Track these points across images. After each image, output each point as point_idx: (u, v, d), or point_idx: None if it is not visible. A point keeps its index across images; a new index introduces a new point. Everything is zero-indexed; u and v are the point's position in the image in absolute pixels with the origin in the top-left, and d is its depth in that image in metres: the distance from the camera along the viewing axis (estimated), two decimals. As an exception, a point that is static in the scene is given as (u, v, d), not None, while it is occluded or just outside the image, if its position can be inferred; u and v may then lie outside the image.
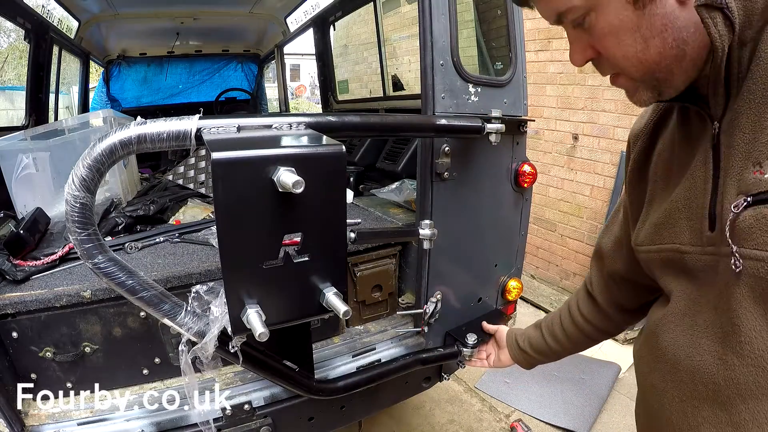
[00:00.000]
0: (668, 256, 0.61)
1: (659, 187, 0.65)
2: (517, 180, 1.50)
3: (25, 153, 1.63)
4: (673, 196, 0.60)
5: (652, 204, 0.66)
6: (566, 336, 0.98)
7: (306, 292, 0.82)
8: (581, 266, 3.40)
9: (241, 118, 0.83)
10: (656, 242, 0.62)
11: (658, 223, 0.62)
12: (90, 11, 2.92)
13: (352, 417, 1.47)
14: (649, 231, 0.64)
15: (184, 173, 2.23)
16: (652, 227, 0.63)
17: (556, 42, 3.34)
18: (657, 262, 0.64)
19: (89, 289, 1.12)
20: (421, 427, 2.23)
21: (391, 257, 1.56)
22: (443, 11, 1.22)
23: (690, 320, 0.58)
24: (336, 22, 3.35)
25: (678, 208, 0.59)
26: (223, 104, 4.23)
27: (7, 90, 4.56)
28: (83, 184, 0.70)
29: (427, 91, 1.25)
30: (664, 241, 0.61)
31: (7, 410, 1.05)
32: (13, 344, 1.12)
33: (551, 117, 3.47)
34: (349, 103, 3.73)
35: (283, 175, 0.68)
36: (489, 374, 2.58)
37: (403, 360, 1.38)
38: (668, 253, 0.61)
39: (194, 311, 0.85)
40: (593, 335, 0.96)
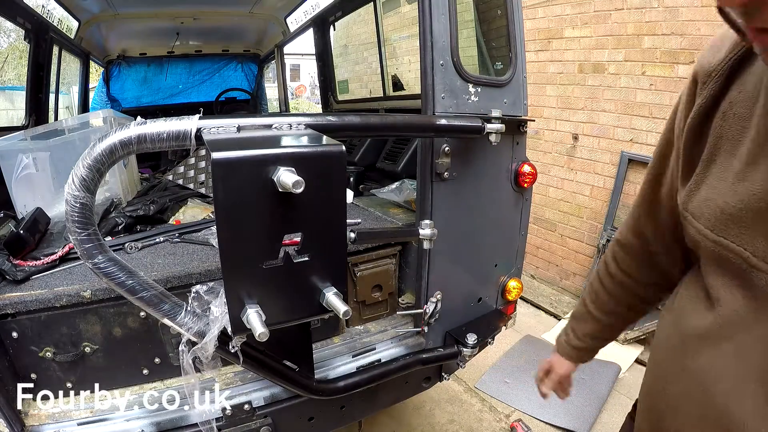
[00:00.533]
0: (729, 257, 0.49)
1: (725, 149, 0.51)
2: (517, 180, 1.50)
3: (25, 153, 1.63)
4: (755, 184, 0.46)
5: (710, 167, 0.53)
6: (617, 301, 0.83)
7: (306, 292, 0.82)
8: (581, 266, 3.40)
9: (241, 118, 0.83)
10: (719, 232, 0.49)
11: (726, 210, 0.49)
12: (90, 11, 2.92)
13: (352, 417, 1.47)
14: (712, 212, 0.51)
15: (184, 173, 2.23)
16: (716, 210, 0.50)
17: (556, 42, 3.35)
18: (711, 254, 0.52)
19: (89, 289, 1.12)
20: (421, 427, 2.23)
21: (391, 257, 1.56)
22: (443, 11, 1.22)
23: (736, 350, 0.48)
24: (336, 22, 3.35)
25: (759, 207, 0.46)
26: (223, 104, 4.23)
27: (7, 90, 4.55)
28: (83, 184, 0.70)
29: (427, 91, 1.25)
30: (731, 238, 0.48)
31: (7, 410, 1.04)
32: (13, 344, 1.12)
33: (551, 117, 3.47)
34: (349, 103, 3.73)
35: (283, 175, 0.68)
36: (489, 374, 2.58)
37: (403, 360, 1.38)
38: (730, 255, 0.48)
39: (194, 311, 0.85)
40: (643, 292, 0.81)
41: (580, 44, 3.18)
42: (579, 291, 3.35)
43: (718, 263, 0.51)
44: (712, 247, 0.51)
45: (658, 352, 0.66)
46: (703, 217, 0.52)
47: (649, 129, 2.86)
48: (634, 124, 2.94)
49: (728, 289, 0.50)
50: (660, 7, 2.70)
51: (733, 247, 0.48)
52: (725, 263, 0.50)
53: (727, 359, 0.49)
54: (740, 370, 0.48)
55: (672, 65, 2.70)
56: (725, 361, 0.49)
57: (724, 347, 0.49)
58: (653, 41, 2.76)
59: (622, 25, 2.91)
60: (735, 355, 0.48)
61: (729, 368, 0.49)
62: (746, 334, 0.47)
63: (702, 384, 0.52)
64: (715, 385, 0.50)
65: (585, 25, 3.13)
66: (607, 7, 2.98)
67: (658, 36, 2.73)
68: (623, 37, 2.91)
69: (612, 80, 3.02)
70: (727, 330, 0.49)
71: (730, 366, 0.49)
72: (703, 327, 0.53)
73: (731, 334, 0.49)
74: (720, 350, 0.50)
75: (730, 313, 0.49)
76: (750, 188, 0.46)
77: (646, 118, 2.86)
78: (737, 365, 0.48)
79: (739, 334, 0.48)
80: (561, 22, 3.28)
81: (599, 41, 3.06)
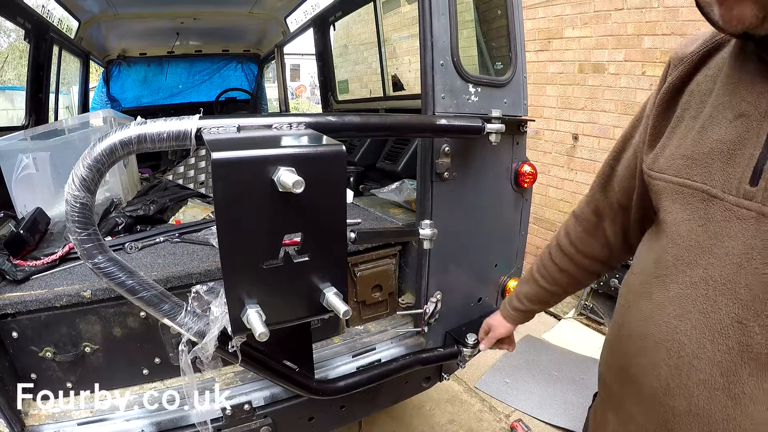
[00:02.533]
0: (690, 193, 0.58)
1: (688, 116, 0.62)
2: (517, 180, 1.50)
3: (25, 153, 1.63)
4: (713, 134, 0.57)
5: (674, 132, 0.63)
6: (564, 274, 0.94)
7: (306, 292, 0.82)
8: (581, 266, 3.40)
9: (241, 118, 0.83)
10: (682, 175, 0.59)
11: (690, 156, 0.58)
12: (90, 11, 2.92)
13: (352, 417, 1.48)
14: (677, 162, 0.60)
15: (184, 173, 2.23)
16: (681, 159, 0.60)
17: (556, 42, 3.35)
18: (672, 195, 0.61)
19: (89, 289, 1.12)
20: (421, 427, 2.23)
21: (391, 257, 1.56)
22: (443, 11, 1.22)
23: (702, 273, 0.55)
24: (336, 22, 3.35)
25: (718, 150, 0.56)
26: (223, 104, 4.23)
27: (7, 90, 4.56)
28: (83, 184, 0.70)
29: (427, 91, 1.25)
30: (693, 178, 0.57)
31: (7, 410, 1.04)
32: (13, 344, 1.12)
33: (551, 117, 3.47)
34: (349, 103, 3.73)
35: (283, 175, 0.68)
36: (489, 374, 2.58)
37: (403, 360, 1.38)
38: (692, 191, 0.57)
39: (194, 311, 0.85)
40: (591, 267, 0.92)
41: (580, 44, 3.18)
42: (579, 291, 3.35)
43: (680, 201, 0.59)
44: (674, 188, 0.60)
45: (621, 304, 0.73)
46: (669, 169, 0.61)
47: (649, 129, 2.86)
48: (634, 124, 2.93)
49: (687, 222, 0.58)
50: (660, 7, 2.70)
51: (695, 184, 0.57)
52: (686, 200, 0.58)
53: (695, 279, 0.56)
54: (688, 300, 0.56)
55: (672, 65, 2.69)
56: (693, 282, 0.56)
57: (697, 273, 0.56)
58: (653, 41, 2.76)
59: (622, 25, 2.91)
60: (704, 278, 0.55)
61: (697, 287, 0.56)
62: (707, 254, 0.55)
63: (658, 318, 0.60)
64: (669, 317, 0.58)
65: (585, 25, 3.13)
66: (607, 7, 2.98)
67: (658, 36, 2.73)
68: (623, 37, 2.91)
69: (612, 80, 3.02)
70: (690, 255, 0.57)
71: (699, 285, 0.55)
72: (661, 267, 0.61)
73: (694, 258, 0.56)
74: (674, 285, 0.58)
75: (689, 241, 0.57)
76: (710, 136, 0.57)
77: (646, 118, 2.86)
78: (685, 296, 0.56)
79: (702, 256, 0.55)
80: (561, 22, 3.28)
81: (599, 41, 3.06)
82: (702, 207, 0.56)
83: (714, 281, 0.54)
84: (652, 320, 0.61)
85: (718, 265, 0.54)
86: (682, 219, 0.58)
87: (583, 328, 3.10)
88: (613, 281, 2.95)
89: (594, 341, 2.94)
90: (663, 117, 0.66)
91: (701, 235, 0.56)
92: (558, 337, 2.99)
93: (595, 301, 3.14)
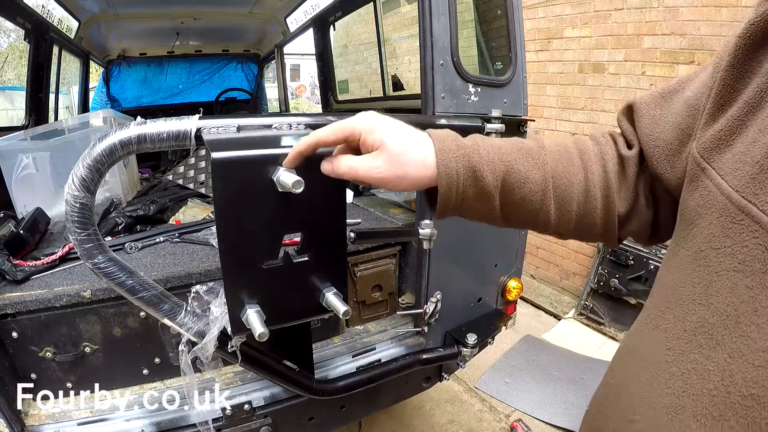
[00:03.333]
0: (751, 230, 0.35)
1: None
2: (517, 180, 1.50)
3: (25, 153, 1.63)
4: None
5: (756, 113, 0.38)
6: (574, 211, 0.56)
7: (306, 292, 0.82)
8: (581, 266, 3.40)
9: (241, 118, 0.83)
10: (747, 194, 0.36)
11: (762, 170, 0.35)
12: (90, 11, 2.92)
13: (352, 417, 1.48)
14: (746, 168, 0.37)
15: (184, 173, 2.23)
16: (753, 165, 0.36)
17: (556, 42, 3.35)
18: (722, 219, 0.38)
19: (89, 289, 1.12)
20: (421, 427, 2.23)
21: (391, 257, 1.56)
22: (443, 11, 1.22)
23: (726, 359, 0.36)
24: (336, 22, 3.36)
25: None
26: (223, 104, 4.23)
27: (7, 90, 4.56)
28: (83, 184, 0.70)
29: (427, 91, 1.25)
30: (761, 205, 0.35)
31: (7, 410, 1.05)
32: (13, 344, 1.12)
33: (551, 117, 3.47)
34: (349, 103, 3.73)
35: (283, 175, 0.68)
36: (489, 374, 2.58)
37: (403, 360, 1.38)
38: (755, 227, 0.35)
39: (194, 311, 0.85)
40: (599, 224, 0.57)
41: (580, 44, 3.18)
42: (579, 291, 3.35)
43: (731, 239, 0.37)
44: (731, 215, 0.37)
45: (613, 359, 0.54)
46: (731, 175, 0.38)
47: (649, 129, 2.86)
48: (634, 124, 2.94)
49: (729, 279, 0.37)
50: (660, 7, 2.70)
51: (757, 214, 0.35)
52: (743, 240, 0.36)
53: (679, 380, 0.40)
54: (684, 398, 0.39)
55: (672, 65, 2.70)
56: (674, 379, 0.40)
57: (684, 361, 0.39)
58: (653, 41, 2.76)
59: (622, 25, 2.91)
60: (691, 374, 0.39)
61: (674, 395, 0.40)
62: (720, 347, 0.37)
63: (641, 411, 0.43)
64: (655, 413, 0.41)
65: (585, 25, 3.13)
66: (607, 7, 2.98)
67: (658, 36, 2.74)
68: (623, 37, 2.91)
69: (612, 80, 3.02)
70: (702, 337, 0.39)
71: (677, 392, 0.39)
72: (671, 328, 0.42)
73: (703, 342, 0.39)
74: (675, 366, 0.40)
75: (715, 311, 0.38)
76: None
77: (646, 118, 2.86)
78: (682, 391, 0.39)
79: (711, 347, 0.38)
80: (561, 22, 3.28)
81: (599, 41, 3.06)
82: (761, 257, 0.34)
83: (734, 382, 0.35)
84: (632, 409, 0.44)
85: (751, 360, 0.34)
86: (728, 267, 0.37)
87: (583, 328, 3.10)
88: (613, 281, 2.96)
89: (594, 341, 2.95)
90: (739, 73, 0.40)
91: (746, 302, 0.35)
92: (558, 337, 2.99)
93: (595, 301, 3.15)
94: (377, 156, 0.53)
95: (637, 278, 2.87)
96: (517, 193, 0.55)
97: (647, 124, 0.54)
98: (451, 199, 0.54)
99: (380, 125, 0.54)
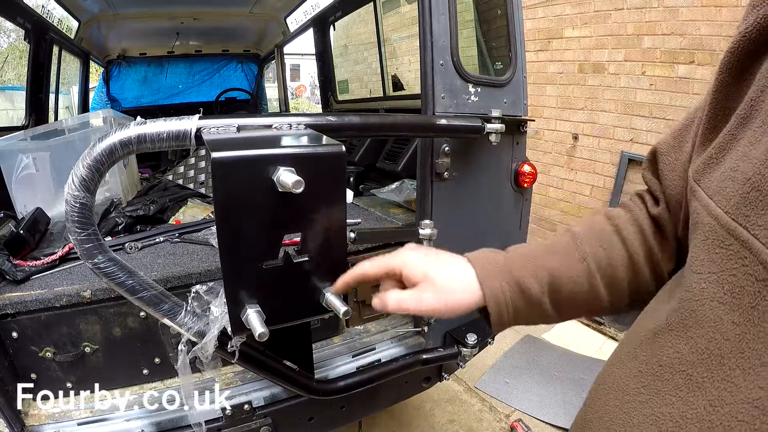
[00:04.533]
0: (740, 255, 0.32)
1: (761, 119, 0.34)
2: (517, 180, 1.50)
3: (25, 153, 1.63)
4: None
5: (745, 127, 0.36)
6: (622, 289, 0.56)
7: (306, 292, 0.82)
8: (581, 266, 3.40)
9: (241, 118, 0.83)
10: (736, 216, 0.33)
11: (758, 185, 0.32)
12: (90, 11, 2.92)
13: (352, 417, 1.47)
14: (735, 186, 0.34)
15: (184, 173, 2.23)
16: (743, 183, 0.33)
17: (556, 42, 3.35)
18: (710, 242, 0.35)
19: (89, 289, 1.12)
20: (421, 427, 2.23)
21: (391, 257, 1.56)
22: (443, 11, 1.22)
23: (708, 396, 0.33)
24: (336, 22, 3.36)
25: None
26: (223, 104, 4.23)
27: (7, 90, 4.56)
28: (83, 184, 0.70)
29: (427, 91, 1.25)
30: (754, 228, 0.31)
31: (7, 410, 1.05)
32: (13, 344, 1.12)
33: (551, 117, 3.47)
34: (349, 103, 3.73)
35: (283, 175, 0.68)
36: (489, 374, 2.57)
37: (403, 360, 1.38)
38: (744, 252, 0.32)
39: (194, 311, 0.85)
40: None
41: (580, 44, 3.18)
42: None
43: (719, 264, 0.34)
44: (719, 238, 0.34)
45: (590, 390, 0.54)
46: (719, 194, 0.35)
47: (649, 129, 2.86)
48: (634, 124, 2.94)
49: (714, 309, 0.34)
50: (660, 7, 2.70)
51: (754, 245, 0.31)
52: (730, 266, 0.33)
53: (655, 414, 0.37)
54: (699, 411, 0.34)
55: (672, 65, 2.70)
56: (652, 414, 0.37)
57: (663, 392, 0.37)
58: (653, 41, 2.76)
59: (622, 25, 2.91)
60: (671, 406, 0.36)
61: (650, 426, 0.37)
62: (700, 385, 0.34)
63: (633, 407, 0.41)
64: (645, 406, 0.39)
65: (585, 25, 3.13)
66: (607, 7, 2.98)
67: (658, 36, 2.74)
68: (623, 37, 2.91)
69: (612, 80, 3.02)
70: (682, 365, 0.36)
71: (687, 424, 0.35)
72: (651, 360, 0.40)
73: (682, 372, 0.35)
74: (655, 398, 0.38)
75: (696, 342, 0.35)
76: None
77: (646, 118, 2.87)
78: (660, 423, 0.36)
79: (692, 381, 0.35)
80: (561, 22, 3.28)
81: (599, 41, 3.06)
82: (751, 290, 0.31)
83: (719, 417, 0.32)
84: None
85: (734, 413, 0.31)
86: (713, 296, 0.34)
87: (583, 328, 3.10)
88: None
89: (594, 341, 2.95)
90: (729, 90, 0.39)
91: (731, 340, 0.32)
92: (558, 337, 2.99)
93: (595, 301, 3.14)
94: (424, 289, 0.55)
95: (637, 278, 2.87)
96: (564, 291, 0.55)
97: (666, 174, 0.53)
98: (504, 316, 0.55)
99: (421, 260, 0.57)
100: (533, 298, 0.55)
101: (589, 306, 0.57)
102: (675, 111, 2.72)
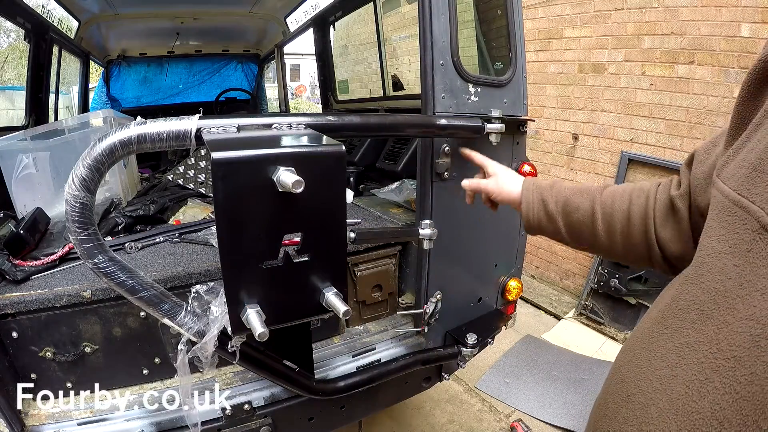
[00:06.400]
0: (742, 218, 0.41)
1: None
2: (517, 180, 1.50)
3: (25, 153, 1.63)
4: None
5: (758, 129, 0.45)
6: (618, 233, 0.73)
7: (306, 292, 0.82)
8: (581, 266, 3.40)
9: (241, 118, 0.83)
10: (741, 191, 0.42)
11: (759, 167, 0.41)
12: (90, 11, 2.92)
13: (352, 417, 1.47)
14: (742, 171, 0.43)
15: (184, 173, 2.23)
16: (748, 168, 0.42)
17: (556, 42, 3.35)
18: (720, 213, 0.44)
19: (89, 289, 1.12)
20: (421, 427, 2.23)
21: (391, 257, 1.56)
22: (443, 11, 1.22)
23: (712, 332, 0.41)
24: (336, 22, 3.36)
25: None
26: (223, 104, 4.24)
27: (7, 90, 4.56)
28: (83, 184, 0.70)
29: (427, 91, 1.25)
30: (752, 197, 0.40)
31: (7, 410, 1.05)
32: (13, 344, 1.12)
33: (551, 117, 3.47)
34: (349, 103, 3.73)
35: (283, 175, 0.68)
36: (489, 374, 2.58)
37: (403, 360, 1.38)
38: (745, 216, 0.41)
39: (194, 311, 0.85)
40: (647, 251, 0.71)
41: (580, 44, 3.18)
42: (579, 291, 3.35)
43: (725, 229, 0.43)
44: (727, 209, 0.43)
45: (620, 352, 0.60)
46: (731, 179, 0.44)
47: (649, 129, 2.86)
48: (634, 124, 2.94)
49: (720, 261, 0.43)
50: (660, 7, 2.70)
51: (752, 209, 0.40)
52: (734, 229, 0.42)
53: (670, 353, 0.46)
54: (677, 369, 0.43)
55: (672, 65, 2.70)
56: (666, 354, 0.46)
57: (675, 338, 0.46)
58: (653, 41, 2.76)
59: (622, 25, 2.91)
60: (682, 347, 0.44)
61: (665, 366, 0.45)
62: (708, 320, 0.42)
63: (636, 382, 0.49)
64: (643, 386, 0.47)
65: (585, 25, 3.13)
66: (607, 7, 2.98)
67: (658, 36, 2.74)
68: (623, 37, 2.91)
69: (612, 80, 3.02)
70: (693, 312, 0.45)
71: (669, 364, 0.45)
72: (669, 313, 0.48)
73: (694, 318, 0.44)
74: (668, 342, 0.47)
75: (706, 290, 0.43)
76: None
77: (646, 118, 2.87)
78: (674, 363, 0.44)
79: (700, 321, 0.43)
80: (561, 22, 3.28)
81: (599, 41, 3.06)
82: (748, 239, 0.40)
83: (720, 348, 0.40)
84: (631, 382, 0.50)
85: (735, 328, 0.39)
86: (720, 251, 0.43)
87: (583, 328, 3.10)
88: (613, 281, 2.96)
89: (594, 341, 2.95)
90: (748, 105, 0.48)
91: (733, 279, 0.40)
92: (558, 337, 2.99)
93: (595, 301, 3.15)
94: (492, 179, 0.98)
95: (636, 278, 2.87)
96: (573, 218, 0.79)
97: (695, 166, 0.65)
98: (530, 219, 0.86)
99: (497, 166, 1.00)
100: (549, 213, 0.82)
101: (592, 240, 0.77)
102: (675, 111, 2.72)
